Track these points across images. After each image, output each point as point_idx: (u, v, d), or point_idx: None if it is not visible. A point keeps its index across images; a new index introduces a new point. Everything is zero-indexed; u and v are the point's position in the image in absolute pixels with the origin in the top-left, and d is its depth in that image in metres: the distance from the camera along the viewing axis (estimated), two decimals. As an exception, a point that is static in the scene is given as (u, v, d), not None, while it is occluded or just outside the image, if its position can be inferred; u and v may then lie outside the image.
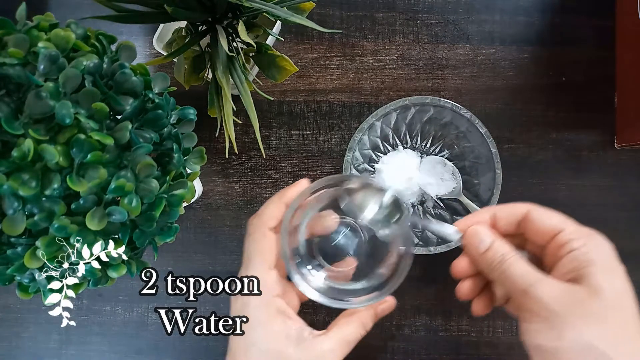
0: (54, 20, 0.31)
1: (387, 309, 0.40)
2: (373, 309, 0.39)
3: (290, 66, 0.41)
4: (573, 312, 0.30)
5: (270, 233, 0.38)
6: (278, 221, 0.38)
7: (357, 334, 0.38)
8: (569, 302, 0.30)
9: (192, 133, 0.37)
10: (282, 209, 0.39)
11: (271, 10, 0.37)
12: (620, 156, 0.51)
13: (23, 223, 0.28)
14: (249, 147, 0.52)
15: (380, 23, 0.53)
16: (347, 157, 0.45)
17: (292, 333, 0.36)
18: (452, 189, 0.48)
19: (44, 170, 0.28)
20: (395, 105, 0.45)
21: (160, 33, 0.46)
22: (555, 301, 0.30)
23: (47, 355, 0.50)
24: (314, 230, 0.42)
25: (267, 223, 0.38)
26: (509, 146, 0.51)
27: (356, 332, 0.38)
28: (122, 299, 0.51)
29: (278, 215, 0.38)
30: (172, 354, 0.50)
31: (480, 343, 0.50)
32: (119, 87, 0.31)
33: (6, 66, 0.27)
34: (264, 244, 0.37)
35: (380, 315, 0.40)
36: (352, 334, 0.37)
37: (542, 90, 0.52)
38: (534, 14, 0.53)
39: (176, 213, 0.34)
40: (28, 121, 0.27)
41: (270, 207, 0.39)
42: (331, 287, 0.40)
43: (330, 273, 0.42)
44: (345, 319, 0.38)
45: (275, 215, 0.38)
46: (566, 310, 0.30)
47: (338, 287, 0.41)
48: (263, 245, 0.37)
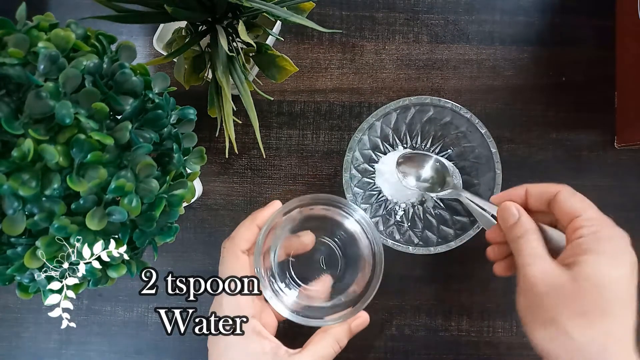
0: (54, 20, 0.31)
1: (361, 324, 0.41)
2: (347, 324, 0.40)
3: (290, 66, 0.41)
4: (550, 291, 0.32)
5: (243, 255, 0.39)
6: (251, 243, 0.40)
7: (331, 350, 0.39)
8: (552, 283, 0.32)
9: (192, 133, 0.37)
10: (254, 231, 0.40)
11: (271, 10, 0.37)
12: (620, 156, 0.51)
13: (23, 223, 0.28)
14: (249, 147, 0.52)
15: (380, 23, 0.53)
16: (347, 157, 0.45)
17: (268, 352, 0.37)
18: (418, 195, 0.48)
19: (44, 170, 0.28)
20: (395, 105, 0.45)
21: (160, 33, 0.46)
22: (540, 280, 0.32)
23: (47, 355, 0.50)
24: (289, 250, 0.43)
25: (240, 245, 0.39)
26: (509, 146, 0.51)
27: (330, 349, 0.39)
28: (122, 299, 0.51)
29: (250, 238, 0.39)
30: (172, 354, 0.50)
31: (480, 343, 0.50)
32: (119, 87, 0.31)
33: (6, 66, 0.27)
34: (237, 266, 0.38)
35: (354, 331, 0.41)
36: (326, 349, 0.38)
37: (542, 90, 0.52)
38: (534, 14, 0.53)
39: (176, 213, 0.34)
40: (28, 121, 0.27)
41: (242, 229, 0.40)
42: (305, 306, 0.41)
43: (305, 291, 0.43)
44: (319, 336, 0.39)
45: (248, 238, 0.39)
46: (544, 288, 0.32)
47: (313, 304, 0.42)
48: (236, 267, 0.38)
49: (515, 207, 0.37)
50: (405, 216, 0.49)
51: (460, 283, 0.50)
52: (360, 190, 0.49)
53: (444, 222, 0.48)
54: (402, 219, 0.49)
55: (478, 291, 0.50)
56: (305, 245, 0.43)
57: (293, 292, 0.43)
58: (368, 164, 0.50)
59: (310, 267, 0.44)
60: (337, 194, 0.51)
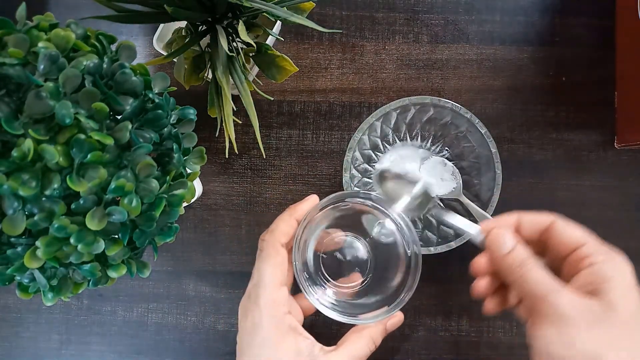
0: (54, 20, 0.31)
1: (397, 323, 0.41)
2: (382, 324, 0.40)
3: (290, 66, 0.41)
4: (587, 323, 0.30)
5: (282, 249, 0.38)
6: (289, 237, 0.39)
7: (367, 349, 0.38)
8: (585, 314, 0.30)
9: (192, 133, 0.37)
10: (293, 225, 0.39)
11: (271, 10, 0.37)
12: (620, 156, 0.51)
13: (23, 223, 0.28)
14: (249, 147, 0.52)
15: (380, 23, 0.53)
16: (347, 157, 0.45)
17: (303, 350, 0.36)
18: (452, 189, 0.48)
19: (44, 170, 0.28)
20: (395, 105, 0.45)
21: (160, 33, 0.46)
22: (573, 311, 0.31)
23: (47, 355, 0.50)
24: (321, 247, 0.43)
25: (280, 239, 0.38)
26: (509, 146, 0.51)
27: (366, 348, 0.38)
28: (122, 299, 0.51)
29: (289, 232, 0.39)
30: (172, 354, 0.50)
31: (480, 343, 0.50)
32: (119, 87, 0.31)
33: (6, 66, 0.27)
34: (276, 260, 0.38)
35: (389, 330, 0.40)
36: (362, 349, 0.38)
37: (542, 90, 0.52)
38: (534, 14, 0.53)
39: (176, 213, 0.34)
40: (28, 121, 0.27)
41: (281, 223, 0.39)
42: (340, 302, 0.41)
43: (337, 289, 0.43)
44: (355, 335, 0.39)
45: (287, 232, 0.39)
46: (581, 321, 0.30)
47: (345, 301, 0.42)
48: (275, 261, 0.38)
49: (507, 233, 0.35)
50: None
51: (460, 283, 0.50)
52: (360, 190, 0.49)
53: (444, 222, 0.48)
54: (402, 219, 0.49)
55: (478, 291, 0.50)
56: (336, 243, 0.43)
57: (327, 289, 0.42)
58: (368, 164, 0.50)
59: (340, 264, 0.44)
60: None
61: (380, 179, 0.45)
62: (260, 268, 0.38)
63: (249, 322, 0.37)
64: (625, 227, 0.51)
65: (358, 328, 0.39)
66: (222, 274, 0.51)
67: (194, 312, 0.51)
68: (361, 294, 0.43)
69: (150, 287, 0.51)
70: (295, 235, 0.39)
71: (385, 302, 0.40)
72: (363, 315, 0.39)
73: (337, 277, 0.43)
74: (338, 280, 0.43)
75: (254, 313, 0.37)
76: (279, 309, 0.37)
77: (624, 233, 0.50)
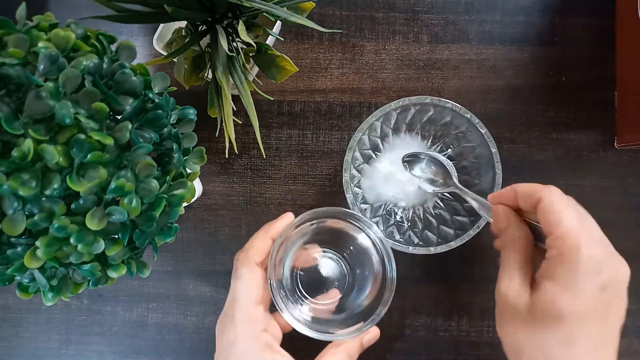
0: (54, 20, 0.31)
1: (373, 339, 0.41)
2: (359, 339, 0.40)
3: (290, 66, 0.41)
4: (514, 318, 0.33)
5: (257, 268, 0.39)
6: (264, 255, 0.39)
7: None
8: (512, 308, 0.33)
9: (192, 133, 0.37)
10: (268, 243, 0.40)
11: (271, 10, 0.37)
12: (620, 156, 0.51)
13: (23, 223, 0.28)
14: (249, 147, 0.52)
15: (380, 23, 0.53)
16: (347, 157, 0.45)
17: None
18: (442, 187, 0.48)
19: (44, 170, 0.28)
20: (395, 105, 0.45)
21: (160, 33, 0.46)
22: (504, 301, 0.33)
23: (47, 355, 0.50)
24: (298, 264, 0.43)
25: (254, 258, 0.39)
26: (509, 146, 0.51)
27: None
28: (122, 299, 0.51)
29: (264, 250, 0.39)
30: (172, 354, 0.50)
31: (480, 343, 0.50)
32: (119, 87, 0.31)
33: (6, 66, 0.27)
34: (251, 278, 0.38)
35: (365, 345, 0.40)
36: None
37: (542, 90, 0.52)
38: (534, 14, 0.53)
39: (176, 213, 0.34)
40: (28, 121, 0.27)
41: (256, 242, 0.40)
42: (316, 319, 0.41)
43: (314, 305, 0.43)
44: (332, 350, 0.39)
45: (262, 250, 0.39)
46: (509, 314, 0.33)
47: (323, 317, 0.42)
48: (250, 280, 0.38)
49: (504, 212, 0.36)
50: (405, 216, 0.49)
51: (460, 283, 0.50)
52: (360, 190, 0.49)
53: (444, 222, 0.48)
54: (402, 219, 0.49)
55: (478, 291, 0.50)
56: (313, 259, 0.43)
57: (303, 306, 0.43)
58: (368, 164, 0.50)
59: (317, 281, 0.44)
60: (337, 194, 0.51)
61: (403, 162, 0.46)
62: (236, 287, 0.38)
63: (225, 340, 0.37)
64: (625, 227, 0.51)
65: (335, 343, 0.39)
66: (222, 274, 0.51)
67: (194, 312, 0.51)
68: (338, 310, 0.43)
69: (150, 287, 0.51)
70: (270, 254, 0.39)
71: (361, 318, 0.40)
72: (339, 331, 0.39)
73: (316, 293, 0.44)
74: (317, 297, 0.43)
75: (230, 331, 0.37)
76: (255, 327, 0.37)
77: (624, 233, 0.50)
